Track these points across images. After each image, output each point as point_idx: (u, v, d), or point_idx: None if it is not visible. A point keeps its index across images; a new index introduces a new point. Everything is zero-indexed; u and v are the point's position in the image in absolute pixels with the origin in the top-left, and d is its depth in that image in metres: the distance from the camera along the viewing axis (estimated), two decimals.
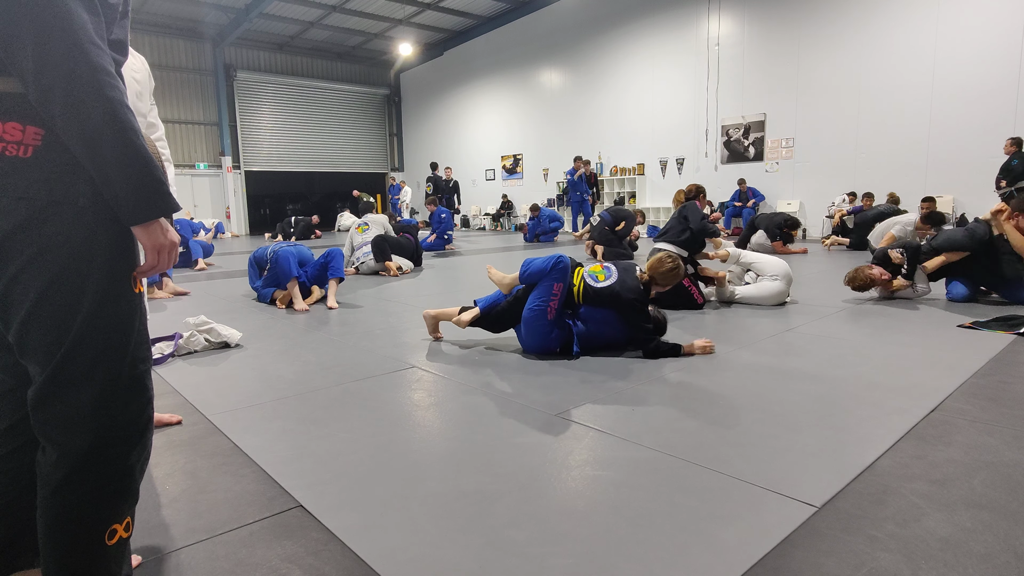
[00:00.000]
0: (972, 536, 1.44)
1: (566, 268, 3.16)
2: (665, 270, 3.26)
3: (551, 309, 3.14)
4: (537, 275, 3.17)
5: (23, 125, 0.99)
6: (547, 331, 3.17)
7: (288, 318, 4.49)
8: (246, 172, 18.59)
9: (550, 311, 3.14)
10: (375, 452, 2.02)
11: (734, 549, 1.41)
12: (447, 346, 3.49)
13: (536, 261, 3.21)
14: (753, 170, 12.10)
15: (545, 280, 3.14)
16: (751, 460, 1.88)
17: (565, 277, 3.16)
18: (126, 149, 0.99)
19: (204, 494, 1.76)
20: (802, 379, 2.73)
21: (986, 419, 2.19)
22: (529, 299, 3.19)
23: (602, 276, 3.25)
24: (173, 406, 2.55)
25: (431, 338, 3.66)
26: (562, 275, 3.14)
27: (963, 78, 9.48)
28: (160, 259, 1.09)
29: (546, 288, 3.14)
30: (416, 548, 1.45)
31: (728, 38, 12.26)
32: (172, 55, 17.02)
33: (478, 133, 18.36)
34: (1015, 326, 3.56)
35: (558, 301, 3.15)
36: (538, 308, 3.15)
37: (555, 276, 3.13)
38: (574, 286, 3.25)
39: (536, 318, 3.16)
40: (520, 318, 3.25)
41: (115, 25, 1.09)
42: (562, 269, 3.14)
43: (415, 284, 6.28)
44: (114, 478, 1.09)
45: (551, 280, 3.13)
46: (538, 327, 3.17)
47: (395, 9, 15.70)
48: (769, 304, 4.54)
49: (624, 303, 3.14)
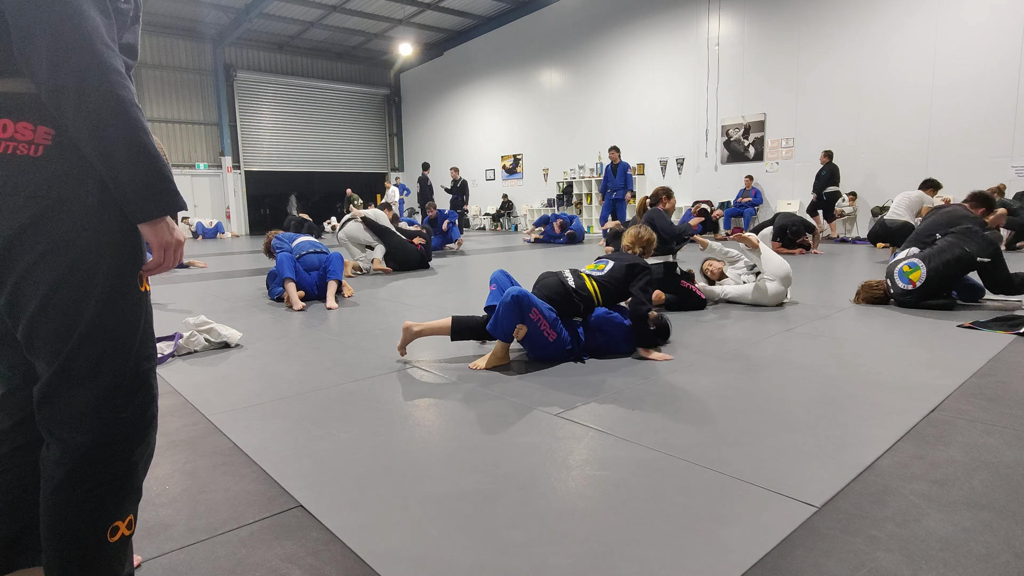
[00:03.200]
0: (972, 536, 1.44)
1: (522, 297, 2.96)
2: (647, 238, 3.56)
3: (546, 332, 3.03)
4: (505, 322, 2.96)
5: (34, 125, 1.00)
6: (553, 352, 3.10)
7: (288, 318, 4.49)
8: (246, 172, 18.60)
9: (547, 334, 3.04)
10: (375, 452, 2.02)
11: (734, 549, 1.41)
12: (447, 346, 3.48)
13: (497, 316, 2.99)
14: (753, 170, 12.11)
15: (513, 321, 2.95)
16: (751, 460, 1.88)
17: (528, 304, 2.96)
18: (136, 147, 1.00)
19: (204, 494, 1.76)
20: (802, 379, 2.73)
21: (986, 419, 2.19)
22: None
23: (602, 266, 3.39)
24: (173, 406, 2.55)
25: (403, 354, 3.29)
26: (524, 306, 2.95)
27: (963, 78, 9.48)
28: (167, 257, 1.10)
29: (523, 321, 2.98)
30: (416, 548, 1.45)
31: (728, 38, 12.26)
32: (172, 55, 17.03)
33: (478, 133, 18.37)
34: (1015, 326, 3.56)
35: (548, 323, 3.02)
36: (537, 340, 3.05)
37: (516, 311, 2.94)
38: (590, 290, 3.26)
39: (541, 344, 3.07)
40: None
41: (126, 30, 1.11)
42: (518, 302, 2.94)
43: (415, 284, 6.28)
44: (117, 475, 1.10)
45: (517, 316, 2.95)
46: (542, 348, 3.09)
47: (395, 9, 15.70)
48: (764, 305, 4.51)
49: (638, 267, 3.32)
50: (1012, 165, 9.21)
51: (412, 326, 3.19)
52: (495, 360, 3.04)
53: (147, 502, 1.69)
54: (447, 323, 3.19)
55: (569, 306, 3.20)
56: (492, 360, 3.04)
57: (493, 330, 3.03)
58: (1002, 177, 9.16)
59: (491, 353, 3.07)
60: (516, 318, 2.96)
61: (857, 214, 10.88)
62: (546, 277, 3.35)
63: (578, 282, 3.30)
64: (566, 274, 3.35)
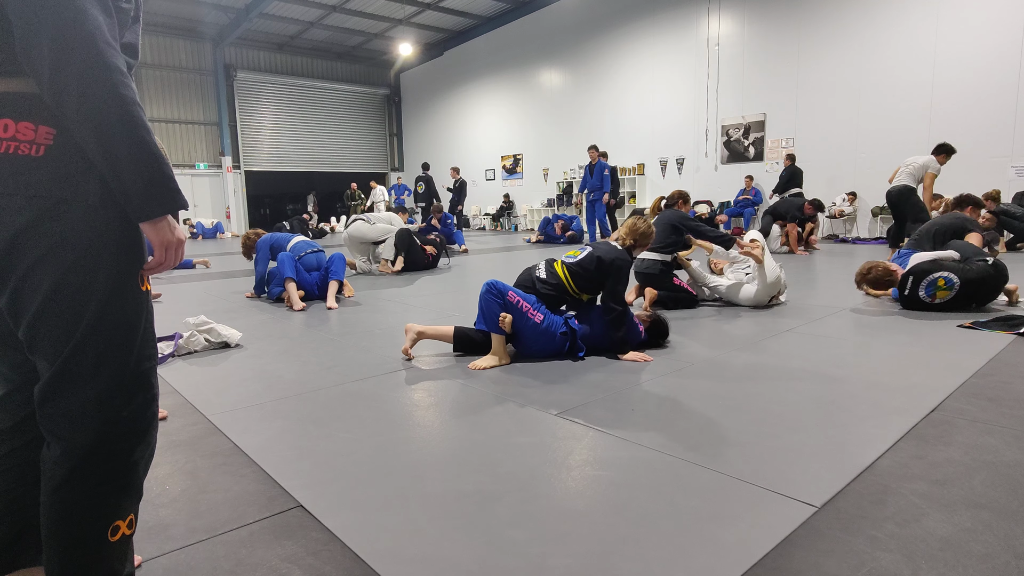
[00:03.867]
0: (972, 536, 1.44)
1: (494, 285, 3.10)
2: (643, 231, 3.36)
3: (529, 313, 3.09)
4: (488, 310, 3.08)
5: (36, 125, 1.01)
6: (547, 338, 3.12)
7: (288, 318, 4.49)
8: (246, 172, 18.59)
9: (531, 315, 3.09)
10: (375, 452, 2.02)
11: (734, 549, 1.41)
12: (447, 346, 3.48)
13: (480, 308, 3.15)
14: (753, 170, 12.10)
15: (495, 308, 3.06)
16: (751, 460, 1.88)
17: (503, 288, 3.10)
18: (138, 146, 1.01)
19: (204, 494, 1.76)
20: (802, 379, 2.73)
21: (986, 419, 2.19)
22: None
23: (577, 252, 3.37)
24: (173, 406, 2.55)
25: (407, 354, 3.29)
26: (499, 291, 3.08)
27: (963, 78, 9.48)
28: (168, 256, 1.11)
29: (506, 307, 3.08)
30: (416, 548, 1.45)
31: (728, 38, 12.26)
32: (172, 55, 17.03)
33: (478, 133, 18.36)
34: (1015, 326, 3.57)
35: (529, 305, 3.10)
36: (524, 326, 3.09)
37: (497, 296, 3.07)
38: (561, 276, 3.26)
39: (530, 330, 3.10)
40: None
41: (127, 29, 1.11)
42: (493, 290, 3.08)
43: (415, 284, 6.28)
44: (118, 474, 1.10)
45: (497, 301, 3.07)
46: (535, 338, 3.12)
47: (395, 9, 15.70)
48: (753, 306, 4.49)
49: (607, 263, 3.21)
50: (1012, 165, 9.20)
51: (415, 328, 3.21)
52: (494, 359, 3.05)
53: (147, 502, 1.69)
54: (449, 331, 3.24)
55: (545, 297, 3.24)
56: (491, 359, 3.05)
57: (481, 324, 3.12)
58: (1002, 177, 9.16)
59: (490, 353, 3.09)
60: (497, 305, 3.05)
61: (857, 214, 10.88)
62: (524, 270, 3.45)
63: (548, 270, 3.33)
64: (540, 265, 3.40)
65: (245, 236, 5.61)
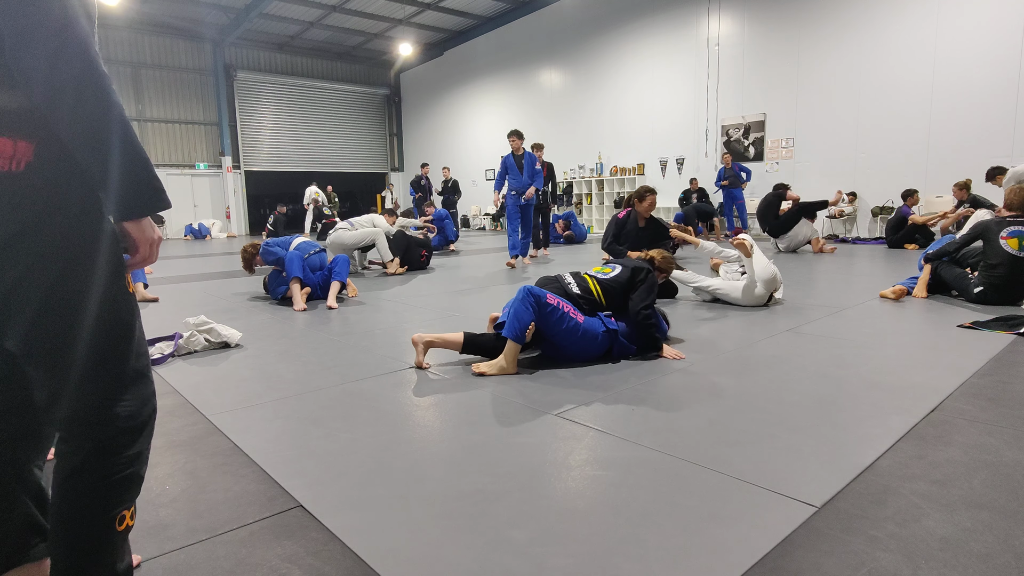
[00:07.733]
0: (972, 536, 1.44)
1: (531, 290, 2.94)
2: (667, 257, 3.72)
3: (571, 313, 2.99)
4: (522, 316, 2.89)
5: (13, 140, 1.02)
6: (589, 339, 3.03)
7: (288, 318, 4.49)
8: (246, 172, 18.60)
9: (573, 315, 2.99)
10: (375, 452, 2.02)
11: (734, 549, 1.41)
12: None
13: (511, 312, 2.95)
14: (753, 170, 12.09)
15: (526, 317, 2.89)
16: (751, 460, 1.88)
17: (540, 293, 2.95)
18: (129, 149, 1.05)
19: (204, 494, 1.76)
20: (802, 379, 2.73)
21: (986, 419, 2.19)
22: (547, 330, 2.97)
23: (608, 269, 3.43)
24: (173, 406, 2.55)
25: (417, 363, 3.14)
26: (536, 296, 2.92)
27: (963, 78, 9.48)
28: (152, 252, 1.17)
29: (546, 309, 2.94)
30: (416, 548, 1.45)
31: (728, 38, 12.26)
32: (172, 55, 17.04)
33: (478, 133, 18.36)
34: (1015, 326, 3.56)
35: (570, 306, 3.03)
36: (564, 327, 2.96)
37: (533, 305, 2.90)
38: (593, 292, 3.27)
39: (571, 335, 2.98)
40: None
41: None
42: (529, 297, 2.92)
43: (415, 284, 6.28)
44: (124, 465, 1.15)
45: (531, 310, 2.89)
46: (576, 340, 3.01)
47: (395, 9, 15.70)
48: (747, 305, 4.48)
49: (640, 271, 3.34)
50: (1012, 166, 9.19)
51: (423, 338, 3.07)
52: (501, 368, 2.89)
53: (147, 502, 1.69)
54: (458, 338, 3.09)
55: (578, 305, 3.22)
56: (498, 367, 2.89)
57: (507, 330, 2.91)
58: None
59: (500, 357, 2.92)
60: (532, 312, 2.88)
61: (857, 214, 10.88)
62: (547, 282, 3.36)
63: (581, 284, 3.31)
64: (568, 279, 3.35)
65: (243, 250, 5.53)
